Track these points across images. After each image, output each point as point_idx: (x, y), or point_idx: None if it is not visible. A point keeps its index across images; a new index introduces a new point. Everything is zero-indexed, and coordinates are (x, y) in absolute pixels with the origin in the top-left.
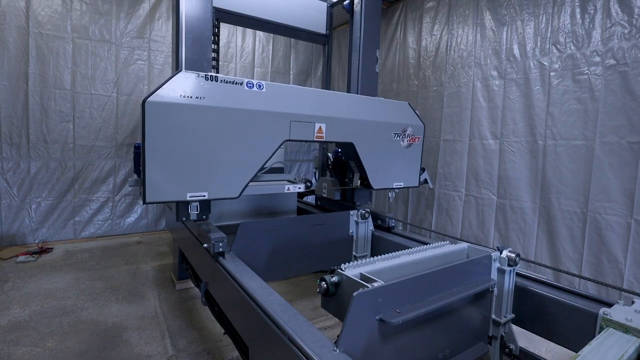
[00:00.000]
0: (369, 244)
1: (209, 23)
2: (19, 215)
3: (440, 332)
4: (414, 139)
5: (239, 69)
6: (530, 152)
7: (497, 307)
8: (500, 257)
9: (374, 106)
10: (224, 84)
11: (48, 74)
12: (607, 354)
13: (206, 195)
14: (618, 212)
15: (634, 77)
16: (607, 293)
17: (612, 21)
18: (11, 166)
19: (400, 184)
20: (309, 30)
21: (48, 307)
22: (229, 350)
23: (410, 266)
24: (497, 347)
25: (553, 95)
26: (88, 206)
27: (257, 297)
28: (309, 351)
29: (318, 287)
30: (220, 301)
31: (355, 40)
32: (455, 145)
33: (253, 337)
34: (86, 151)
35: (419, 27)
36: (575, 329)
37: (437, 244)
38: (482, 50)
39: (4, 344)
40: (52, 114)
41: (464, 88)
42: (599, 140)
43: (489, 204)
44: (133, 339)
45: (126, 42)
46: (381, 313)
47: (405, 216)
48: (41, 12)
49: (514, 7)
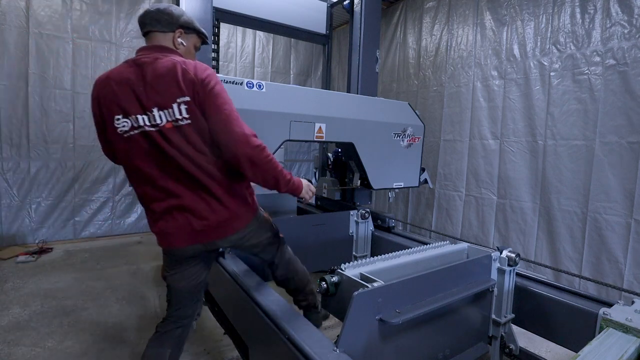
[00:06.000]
0: (369, 244)
1: (209, 23)
2: (19, 215)
3: (440, 332)
4: (414, 139)
5: (239, 69)
6: (530, 152)
7: (497, 307)
8: (500, 257)
9: (374, 106)
10: (224, 84)
11: (48, 74)
12: (607, 354)
13: None
14: (618, 212)
15: (634, 77)
16: (607, 293)
17: (612, 21)
18: (11, 166)
19: (400, 184)
20: (309, 30)
21: (48, 307)
22: (229, 350)
23: (410, 266)
24: (497, 347)
25: (553, 95)
26: (88, 206)
27: (257, 297)
28: (309, 351)
29: (318, 287)
30: (220, 301)
31: (355, 40)
32: (455, 145)
33: (253, 337)
34: (86, 151)
35: (419, 27)
36: (575, 329)
37: (437, 244)
38: (482, 50)
39: (4, 344)
40: (52, 114)
41: (464, 88)
42: (599, 140)
43: (489, 204)
44: (133, 339)
45: (126, 42)
46: (381, 313)
47: (405, 216)
48: (41, 12)
49: (514, 7)
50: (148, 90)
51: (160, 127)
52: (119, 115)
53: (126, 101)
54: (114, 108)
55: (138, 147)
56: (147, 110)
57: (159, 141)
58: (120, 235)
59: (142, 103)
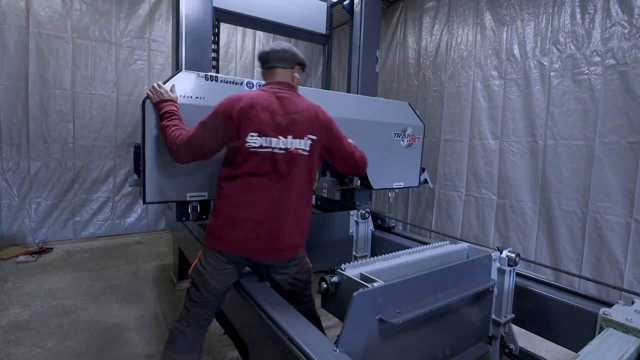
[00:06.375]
0: (369, 244)
1: (209, 23)
2: (18, 215)
3: (440, 332)
4: (414, 139)
5: (239, 69)
6: (530, 152)
7: (497, 307)
8: (500, 257)
9: (374, 106)
10: (224, 84)
11: (48, 74)
12: (607, 354)
13: (206, 195)
14: (618, 212)
15: (634, 77)
16: (607, 293)
17: (612, 21)
18: (11, 166)
19: (400, 184)
20: (309, 30)
21: (48, 307)
22: (229, 350)
23: (410, 266)
24: (497, 347)
25: (553, 95)
26: (88, 206)
27: (257, 297)
28: (309, 351)
29: (318, 287)
30: None
31: (355, 40)
32: (455, 145)
33: (253, 337)
34: (86, 151)
35: (419, 27)
36: (575, 329)
37: (437, 244)
38: (482, 50)
39: (4, 344)
40: (52, 114)
41: (464, 88)
42: (599, 140)
43: (489, 204)
44: (133, 339)
45: (126, 42)
46: (381, 313)
47: (405, 216)
48: (41, 12)
49: (514, 7)
50: (288, 121)
51: (289, 151)
52: (255, 133)
53: (266, 125)
54: (253, 127)
55: (258, 161)
56: (283, 135)
57: (280, 162)
58: (120, 235)
59: (280, 129)
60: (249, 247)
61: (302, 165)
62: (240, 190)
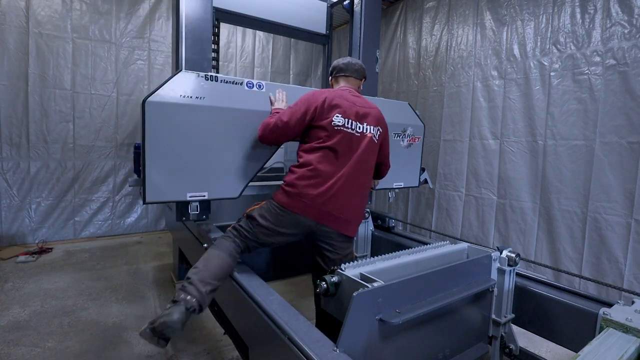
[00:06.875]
0: (369, 244)
1: (209, 23)
2: (18, 215)
3: (440, 332)
4: (414, 139)
5: (239, 69)
6: (530, 152)
7: (497, 307)
8: (500, 257)
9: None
10: (224, 84)
11: (48, 74)
12: (607, 354)
13: (206, 195)
14: (618, 212)
15: (634, 77)
16: (607, 293)
17: (612, 21)
18: (11, 166)
19: (400, 184)
20: (309, 30)
21: (48, 307)
22: (229, 350)
23: (410, 266)
24: (497, 347)
25: (553, 95)
26: (88, 206)
27: (257, 297)
28: (309, 351)
29: (318, 287)
30: (220, 301)
31: (355, 40)
32: (455, 145)
33: (253, 337)
34: (86, 151)
35: (419, 27)
36: (575, 329)
37: (437, 244)
38: (482, 50)
39: (4, 344)
40: (52, 114)
41: (464, 88)
42: (599, 140)
43: (489, 204)
44: (133, 339)
45: (126, 42)
46: (381, 313)
47: (405, 216)
48: (41, 12)
49: (514, 7)
50: (364, 112)
51: (364, 134)
52: (339, 114)
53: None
54: (338, 109)
55: (340, 137)
56: (360, 121)
57: (354, 140)
58: (120, 235)
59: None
60: (317, 211)
61: (372, 151)
62: (321, 159)
